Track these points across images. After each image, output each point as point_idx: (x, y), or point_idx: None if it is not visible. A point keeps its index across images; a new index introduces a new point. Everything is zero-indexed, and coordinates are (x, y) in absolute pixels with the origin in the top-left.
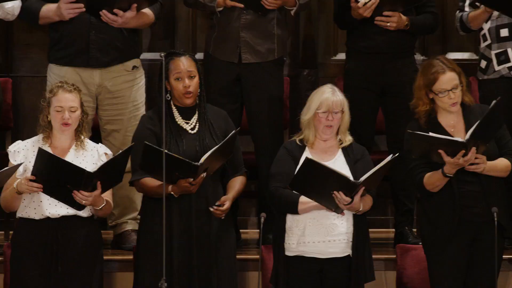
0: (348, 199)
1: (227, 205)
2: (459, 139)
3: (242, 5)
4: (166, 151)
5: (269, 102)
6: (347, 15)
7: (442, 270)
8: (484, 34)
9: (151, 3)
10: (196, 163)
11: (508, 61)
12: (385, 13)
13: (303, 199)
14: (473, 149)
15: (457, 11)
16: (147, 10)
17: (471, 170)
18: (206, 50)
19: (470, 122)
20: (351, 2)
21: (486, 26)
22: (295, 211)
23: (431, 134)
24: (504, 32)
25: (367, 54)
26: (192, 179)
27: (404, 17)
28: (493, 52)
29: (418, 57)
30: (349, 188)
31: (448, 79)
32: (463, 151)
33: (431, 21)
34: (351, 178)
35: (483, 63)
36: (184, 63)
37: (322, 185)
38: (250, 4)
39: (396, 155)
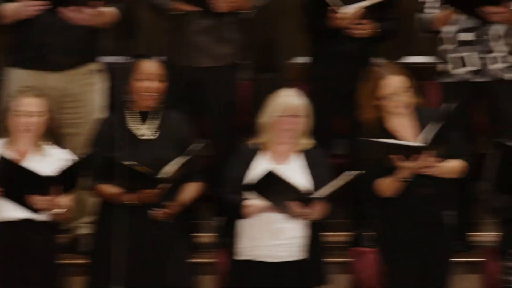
0: (304, 211)
1: (174, 209)
2: (412, 144)
3: (198, 9)
4: (128, 163)
5: (226, 106)
6: (321, 24)
7: (398, 273)
8: (444, 37)
9: (113, 1)
10: (161, 176)
11: (468, 65)
12: (359, 21)
13: (249, 202)
14: (427, 152)
15: (418, 13)
16: (109, 9)
17: (425, 172)
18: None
19: (424, 124)
20: (330, 12)
21: (446, 30)
22: (244, 216)
23: (383, 140)
24: (465, 36)
25: (334, 59)
26: (154, 190)
27: (375, 24)
28: (450, 56)
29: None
30: (307, 201)
31: (392, 83)
32: (417, 156)
33: (394, 26)
34: (308, 191)
35: (442, 66)
36: (148, 66)
37: (279, 195)
38: (205, 7)
39: (358, 173)
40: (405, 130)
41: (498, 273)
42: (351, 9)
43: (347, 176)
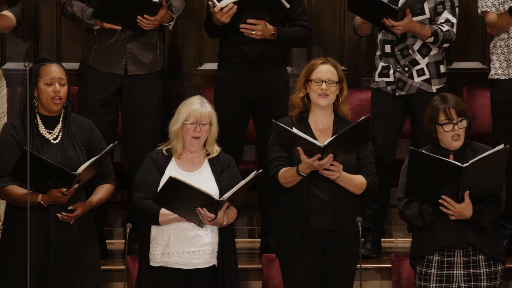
0: (212, 216)
1: (78, 211)
2: (317, 143)
3: (119, 27)
4: (44, 158)
5: (151, 113)
6: (211, 22)
7: (294, 277)
8: (378, 44)
9: (11, 4)
10: (75, 173)
11: (388, 76)
12: (250, 21)
13: (164, 211)
14: (330, 156)
15: (356, 16)
16: (7, 13)
17: (325, 175)
18: (84, 61)
19: (338, 131)
20: (210, 8)
21: (379, 37)
22: (156, 223)
23: (294, 130)
24: (387, 48)
25: (237, 64)
26: (65, 189)
27: (270, 27)
28: (380, 63)
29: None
30: (213, 205)
31: (326, 70)
32: (319, 155)
33: (301, 34)
34: (215, 196)
35: (374, 71)
36: (55, 70)
37: (186, 202)
38: (128, 25)
39: (260, 171)
40: (323, 130)
41: (410, 278)
42: (224, 3)
43: (252, 176)
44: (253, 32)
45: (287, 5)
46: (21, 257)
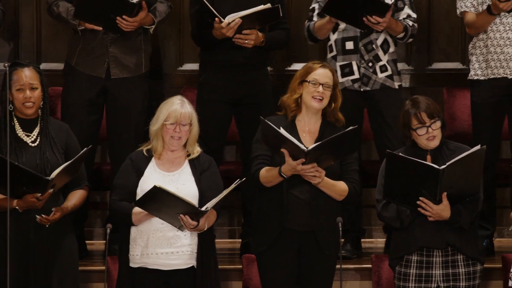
0: (195, 223)
1: (56, 215)
2: (302, 146)
3: (100, 28)
4: (17, 163)
5: (135, 116)
6: (207, 34)
7: (271, 275)
8: (331, 45)
9: None
10: (48, 178)
11: (352, 73)
12: (244, 31)
13: (136, 210)
14: (314, 164)
15: (306, 21)
16: None
17: (307, 179)
18: (68, 62)
19: (324, 134)
20: (214, 23)
21: (333, 38)
22: (130, 223)
23: (282, 131)
24: (349, 45)
25: (222, 66)
26: (39, 194)
27: (260, 34)
28: (338, 64)
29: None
30: (196, 214)
31: (324, 73)
32: (303, 160)
33: (283, 36)
34: (196, 203)
35: None
36: (26, 75)
37: (169, 208)
38: (108, 26)
39: (243, 179)
40: (309, 133)
41: (390, 278)
42: (231, 19)
43: (234, 185)
44: (246, 42)
45: (281, 14)
46: (1, 261)
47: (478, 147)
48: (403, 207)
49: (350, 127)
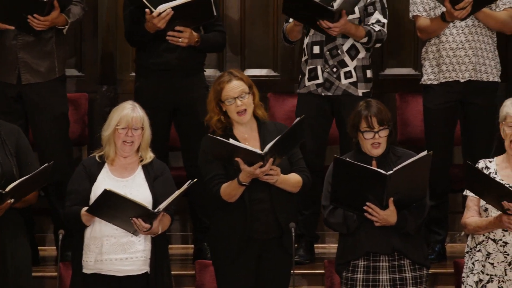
0: (148, 226)
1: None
2: (258, 151)
3: (12, 27)
4: None
5: (56, 120)
6: (139, 30)
7: (230, 285)
8: (304, 49)
9: None
10: (1, 191)
11: (317, 78)
12: (177, 28)
13: (85, 210)
14: (270, 160)
15: (284, 22)
16: None
17: (265, 180)
18: None
19: (265, 136)
20: (146, 15)
21: (306, 41)
22: (81, 224)
23: (231, 141)
24: (316, 49)
25: (157, 71)
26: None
27: (195, 34)
28: (307, 68)
29: (216, 73)
30: (149, 216)
31: (234, 86)
32: (261, 163)
33: (220, 39)
34: (150, 206)
35: (300, 77)
36: None
37: (121, 212)
38: (21, 26)
39: (195, 180)
40: (249, 139)
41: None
42: (162, 9)
43: (186, 186)
44: (180, 40)
45: (215, 12)
46: None
47: (424, 153)
48: (350, 212)
49: (297, 119)
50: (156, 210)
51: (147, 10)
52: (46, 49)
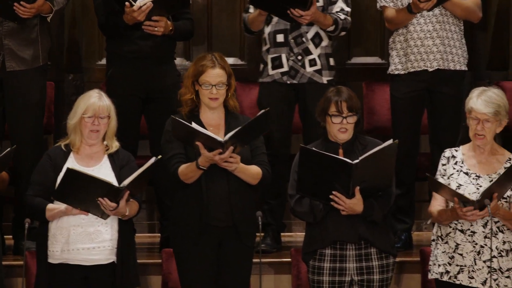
0: (114, 205)
1: None
2: (218, 138)
3: None
4: None
5: (33, 108)
6: (116, 20)
7: (191, 272)
8: (265, 38)
9: None
10: None
11: (282, 66)
12: (154, 17)
13: (50, 206)
14: (230, 148)
15: (243, 13)
16: None
17: (223, 166)
18: None
19: (230, 125)
20: (125, 7)
21: (267, 31)
22: (44, 218)
23: (194, 125)
24: (279, 38)
25: (130, 59)
26: None
27: (169, 22)
28: (269, 56)
29: (183, 61)
30: (114, 193)
31: (216, 74)
32: (220, 150)
33: (190, 27)
34: (115, 183)
35: (261, 67)
36: None
37: (86, 193)
38: (6, 14)
39: (159, 157)
40: (215, 125)
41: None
42: (142, 2)
43: (152, 161)
44: (156, 29)
45: (190, 1)
46: None
47: (390, 141)
48: (316, 201)
49: (262, 111)
50: (121, 185)
51: (127, 3)
52: (31, 37)
